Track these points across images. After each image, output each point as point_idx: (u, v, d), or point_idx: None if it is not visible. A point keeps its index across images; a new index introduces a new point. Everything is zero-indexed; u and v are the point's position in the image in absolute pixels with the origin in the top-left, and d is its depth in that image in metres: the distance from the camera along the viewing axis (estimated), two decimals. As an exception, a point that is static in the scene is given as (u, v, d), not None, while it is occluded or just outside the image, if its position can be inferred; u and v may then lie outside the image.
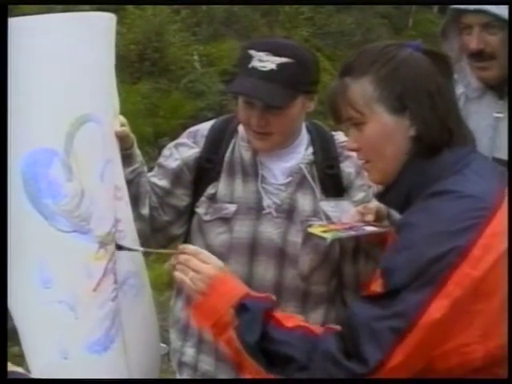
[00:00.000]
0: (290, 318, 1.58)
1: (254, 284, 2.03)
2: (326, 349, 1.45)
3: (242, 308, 1.54)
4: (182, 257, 1.66)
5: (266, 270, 2.03)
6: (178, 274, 1.65)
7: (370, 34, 9.95)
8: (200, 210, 2.09)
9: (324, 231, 1.89)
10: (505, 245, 1.45)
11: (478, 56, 2.09)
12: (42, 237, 1.62)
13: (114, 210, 1.75)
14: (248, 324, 1.52)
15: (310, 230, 1.95)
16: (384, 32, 10.54)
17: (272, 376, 1.51)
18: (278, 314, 1.56)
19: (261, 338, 1.51)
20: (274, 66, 1.91)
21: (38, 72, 1.59)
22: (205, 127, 2.16)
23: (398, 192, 1.59)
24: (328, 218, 2.03)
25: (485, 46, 2.08)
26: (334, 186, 2.07)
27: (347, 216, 1.97)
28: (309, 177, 2.06)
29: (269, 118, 1.97)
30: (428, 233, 1.45)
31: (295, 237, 2.02)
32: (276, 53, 1.92)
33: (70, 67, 1.62)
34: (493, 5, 2.04)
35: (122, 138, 1.87)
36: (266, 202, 2.04)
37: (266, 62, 1.92)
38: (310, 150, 2.09)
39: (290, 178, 2.06)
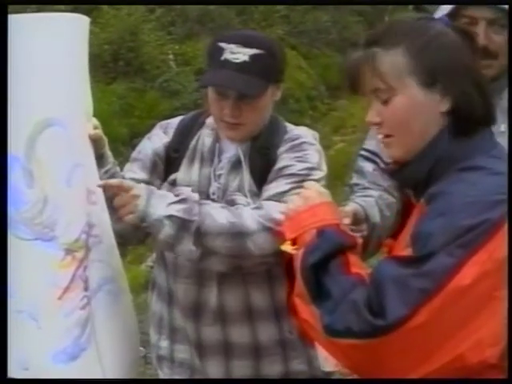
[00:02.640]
0: (358, 266, 1.54)
1: None
2: (354, 298, 1.44)
3: (321, 233, 1.56)
4: None
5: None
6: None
7: (346, 32, 9.95)
8: None
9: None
10: None
11: (481, 52, 2.02)
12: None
13: (85, 216, 1.72)
14: (315, 248, 1.54)
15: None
16: (360, 30, 10.53)
17: (312, 306, 1.51)
18: (353, 258, 1.54)
19: (320, 267, 1.51)
20: (246, 58, 1.95)
21: None
22: (175, 121, 2.20)
23: (418, 169, 1.54)
24: None
25: (489, 42, 2.03)
26: (264, 168, 2.05)
27: None
28: (241, 153, 2.06)
29: (242, 108, 2.00)
30: (464, 202, 1.42)
31: None
32: (246, 44, 1.96)
33: (32, 69, 1.59)
34: (493, 5, 2.01)
35: (95, 141, 1.87)
36: (213, 188, 2.06)
37: (237, 53, 1.96)
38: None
39: (227, 160, 2.07)
